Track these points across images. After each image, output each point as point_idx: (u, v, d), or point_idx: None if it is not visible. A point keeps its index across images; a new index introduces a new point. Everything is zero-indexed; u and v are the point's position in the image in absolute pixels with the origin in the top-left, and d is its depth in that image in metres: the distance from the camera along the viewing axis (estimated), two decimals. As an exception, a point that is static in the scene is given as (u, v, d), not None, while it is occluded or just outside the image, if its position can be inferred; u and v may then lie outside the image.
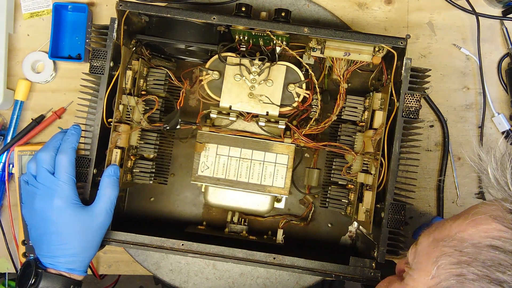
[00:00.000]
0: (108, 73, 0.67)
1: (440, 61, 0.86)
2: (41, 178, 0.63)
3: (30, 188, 0.64)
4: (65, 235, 0.63)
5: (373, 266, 0.65)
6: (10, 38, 0.85)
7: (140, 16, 0.71)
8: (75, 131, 0.67)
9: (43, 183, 0.63)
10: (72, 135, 0.66)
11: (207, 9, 0.82)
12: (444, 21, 0.86)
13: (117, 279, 1.02)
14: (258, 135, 0.73)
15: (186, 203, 0.84)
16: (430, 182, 0.85)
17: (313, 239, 0.83)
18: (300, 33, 0.68)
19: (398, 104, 0.67)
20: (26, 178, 0.66)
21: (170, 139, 0.82)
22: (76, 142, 0.66)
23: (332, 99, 0.80)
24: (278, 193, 0.73)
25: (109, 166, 0.67)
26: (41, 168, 0.63)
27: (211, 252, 0.66)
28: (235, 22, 0.68)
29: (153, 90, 0.76)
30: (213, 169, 0.73)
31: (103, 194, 0.65)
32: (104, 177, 0.66)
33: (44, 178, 0.63)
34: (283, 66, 0.72)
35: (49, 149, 0.65)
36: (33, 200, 0.63)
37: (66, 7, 0.83)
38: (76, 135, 0.67)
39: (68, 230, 0.63)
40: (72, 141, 0.66)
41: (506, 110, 0.86)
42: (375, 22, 0.86)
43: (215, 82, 0.73)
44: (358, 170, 0.73)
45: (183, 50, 0.73)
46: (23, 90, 0.84)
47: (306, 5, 0.84)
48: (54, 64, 0.85)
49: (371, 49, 0.70)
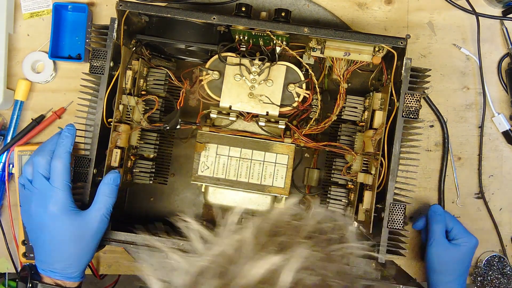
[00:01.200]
0: (108, 73, 0.67)
1: (440, 61, 0.86)
2: (37, 183, 0.63)
3: (26, 192, 0.64)
4: (59, 242, 0.62)
5: (373, 266, 0.65)
6: (10, 38, 0.85)
7: (140, 16, 0.71)
8: (69, 133, 0.65)
9: (38, 189, 0.63)
10: (66, 137, 0.65)
11: (207, 9, 0.82)
12: (444, 21, 0.86)
13: (117, 279, 1.02)
14: (258, 135, 0.73)
15: (186, 203, 0.84)
16: (430, 182, 0.85)
17: (313, 239, 0.83)
18: (300, 33, 0.68)
19: (398, 104, 0.67)
20: (22, 181, 0.65)
21: (170, 139, 0.82)
22: (70, 145, 0.65)
23: (332, 99, 0.80)
24: (278, 193, 0.73)
25: (108, 173, 0.66)
26: (37, 173, 0.63)
27: (211, 252, 0.66)
28: (235, 22, 0.68)
29: (153, 90, 0.76)
30: (213, 169, 0.73)
31: (100, 201, 0.64)
32: (103, 183, 0.65)
33: (40, 184, 0.63)
34: (283, 66, 0.72)
35: (44, 153, 0.64)
36: (29, 204, 0.63)
37: (66, 7, 0.83)
38: (71, 137, 0.65)
39: (63, 237, 0.62)
40: (67, 144, 0.64)
41: (506, 110, 0.86)
42: (375, 22, 0.86)
43: (215, 82, 0.73)
44: (358, 170, 0.73)
45: (183, 50, 0.73)
46: (23, 90, 0.84)
47: (306, 5, 0.84)
48: (54, 64, 0.85)
49: (371, 49, 0.70)
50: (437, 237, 0.76)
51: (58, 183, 0.62)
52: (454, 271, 0.76)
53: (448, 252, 0.76)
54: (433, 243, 0.76)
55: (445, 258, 0.76)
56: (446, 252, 0.76)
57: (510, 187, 0.85)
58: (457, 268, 0.76)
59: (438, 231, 0.76)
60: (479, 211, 0.85)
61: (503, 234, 0.84)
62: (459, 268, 0.77)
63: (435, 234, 0.76)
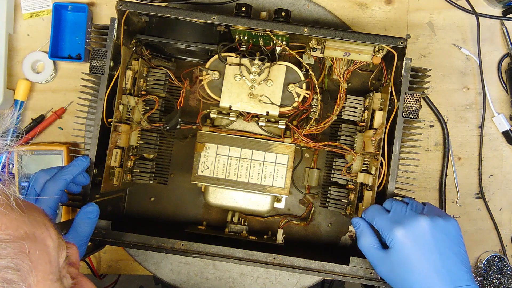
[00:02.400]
0: (108, 73, 0.67)
1: (440, 61, 0.86)
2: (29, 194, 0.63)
3: None
4: None
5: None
6: (10, 38, 0.85)
7: (140, 16, 0.71)
8: (79, 163, 0.65)
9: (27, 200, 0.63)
10: (73, 166, 0.64)
11: (207, 9, 0.82)
12: (444, 21, 0.86)
13: (117, 279, 1.02)
14: (258, 135, 0.73)
15: (186, 203, 0.84)
16: (430, 182, 0.85)
17: (313, 239, 0.83)
18: (300, 33, 0.68)
19: (398, 104, 0.67)
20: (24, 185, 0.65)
21: (170, 139, 0.82)
22: (72, 175, 0.63)
23: (332, 99, 0.80)
24: (278, 193, 0.73)
25: (87, 205, 0.63)
26: (31, 185, 0.64)
27: (211, 252, 0.66)
28: (235, 22, 0.68)
29: (153, 90, 0.76)
30: (213, 169, 0.73)
31: (77, 228, 0.62)
32: (81, 212, 0.62)
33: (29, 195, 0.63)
34: (283, 66, 0.72)
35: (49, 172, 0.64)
36: None
37: (66, 7, 0.83)
38: (77, 167, 0.64)
39: None
40: (69, 172, 0.63)
41: (506, 110, 0.86)
42: (375, 22, 0.86)
43: (215, 82, 0.73)
44: (358, 170, 0.73)
45: (183, 50, 0.73)
46: (23, 90, 0.84)
47: (306, 5, 0.84)
48: (54, 64, 0.85)
49: (371, 49, 0.70)
50: (367, 254, 0.62)
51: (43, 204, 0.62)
52: (411, 276, 0.57)
53: (387, 266, 0.59)
54: (373, 266, 0.62)
55: (389, 273, 0.60)
56: (386, 268, 0.60)
57: (510, 187, 0.85)
58: (409, 272, 0.57)
59: (365, 246, 0.62)
60: (479, 211, 0.85)
61: (503, 234, 0.84)
62: (413, 271, 0.57)
63: (363, 251, 0.63)
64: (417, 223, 0.58)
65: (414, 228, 0.58)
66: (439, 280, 0.56)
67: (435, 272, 0.56)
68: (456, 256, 0.57)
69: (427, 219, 0.58)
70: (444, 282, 0.56)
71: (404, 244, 0.58)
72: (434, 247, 0.57)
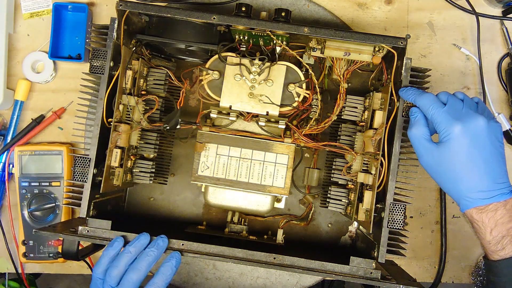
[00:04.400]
0: (108, 73, 0.67)
1: (440, 61, 0.86)
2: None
3: None
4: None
5: (373, 266, 0.65)
6: (10, 38, 0.85)
7: (140, 16, 0.71)
8: (157, 248, 0.64)
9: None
10: (154, 251, 0.63)
11: (207, 9, 0.83)
12: (444, 21, 0.86)
13: (117, 279, 1.02)
14: (258, 135, 0.73)
15: (186, 203, 0.84)
16: (430, 182, 0.85)
17: (313, 239, 0.83)
18: (300, 33, 0.68)
19: (398, 104, 0.67)
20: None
21: (170, 139, 0.82)
22: (154, 260, 0.63)
23: (332, 99, 0.80)
24: (278, 193, 0.73)
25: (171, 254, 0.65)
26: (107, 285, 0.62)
27: (211, 252, 0.66)
28: (235, 22, 0.68)
29: (153, 90, 0.76)
30: (213, 169, 0.73)
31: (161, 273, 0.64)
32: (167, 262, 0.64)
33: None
34: (283, 66, 0.72)
35: (119, 266, 0.62)
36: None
37: (66, 7, 0.83)
38: (157, 252, 0.63)
39: None
40: (152, 257, 0.63)
41: (506, 110, 0.86)
42: (375, 22, 0.86)
43: (215, 82, 0.73)
44: (358, 170, 0.73)
45: (183, 50, 0.73)
46: (23, 90, 0.84)
47: (306, 5, 0.84)
48: (54, 64, 0.85)
49: (371, 49, 0.70)
50: (416, 144, 0.64)
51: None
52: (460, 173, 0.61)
53: (435, 158, 0.63)
54: (418, 155, 0.65)
55: (436, 165, 0.63)
56: (433, 160, 0.63)
57: (510, 187, 0.85)
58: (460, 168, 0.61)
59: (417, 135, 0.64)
60: (479, 211, 0.85)
61: (503, 234, 0.84)
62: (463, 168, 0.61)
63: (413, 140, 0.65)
64: (475, 122, 0.61)
65: (473, 126, 0.61)
66: (486, 176, 0.61)
67: (484, 170, 0.61)
68: (501, 156, 0.62)
69: (485, 120, 0.61)
70: (489, 179, 0.61)
71: (461, 141, 0.60)
72: (488, 147, 0.61)
